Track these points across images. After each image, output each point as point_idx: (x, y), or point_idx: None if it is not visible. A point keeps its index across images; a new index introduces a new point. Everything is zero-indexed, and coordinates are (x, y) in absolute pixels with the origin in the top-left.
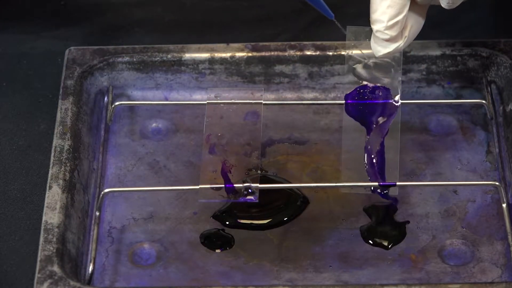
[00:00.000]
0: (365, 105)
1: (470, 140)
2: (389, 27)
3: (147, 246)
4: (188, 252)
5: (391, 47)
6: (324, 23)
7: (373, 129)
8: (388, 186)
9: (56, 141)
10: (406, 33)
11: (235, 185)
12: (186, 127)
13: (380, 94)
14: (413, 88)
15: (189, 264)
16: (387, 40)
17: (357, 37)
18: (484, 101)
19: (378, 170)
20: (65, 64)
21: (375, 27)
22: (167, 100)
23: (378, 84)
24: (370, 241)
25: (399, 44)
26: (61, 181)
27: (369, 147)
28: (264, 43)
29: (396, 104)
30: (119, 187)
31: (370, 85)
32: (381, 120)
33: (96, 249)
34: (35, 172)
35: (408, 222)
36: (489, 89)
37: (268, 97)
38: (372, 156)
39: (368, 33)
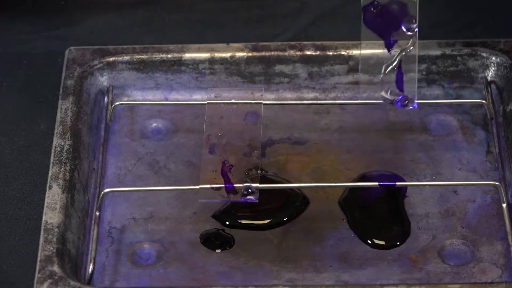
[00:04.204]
0: (382, 19)
1: (470, 140)
2: None
3: (147, 246)
4: (188, 252)
5: None
6: (324, 23)
7: (392, 42)
8: (389, 184)
9: (56, 141)
10: None
11: (235, 185)
12: (186, 127)
13: (398, 8)
14: None
15: (189, 264)
16: None
17: None
18: (484, 101)
19: (397, 82)
20: (65, 64)
21: None
22: (167, 100)
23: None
24: (369, 241)
25: None
26: (61, 181)
27: (388, 60)
28: (264, 43)
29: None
30: (119, 187)
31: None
32: (399, 33)
33: (96, 249)
34: (35, 172)
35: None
36: (489, 89)
37: (268, 97)
38: (391, 67)
39: None
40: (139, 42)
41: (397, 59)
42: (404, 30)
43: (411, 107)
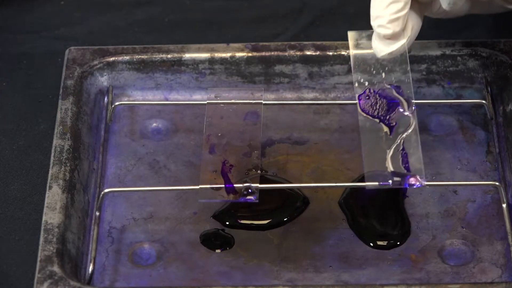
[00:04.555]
0: (378, 104)
1: (470, 140)
2: (391, 21)
3: (147, 246)
4: (188, 252)
5: (395, 45)
6: (324, 23)
7: (392, 126)
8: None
9: (56, 141)
10: (409, 33)
11: (235, 185)
12: (186, 127)
13: (392, 92)
14: (413, 88)
15: (189, 264)
16: (390, 38)
17: (359, 41)
18: (484, 101)
19: (403, 164)
20: (65, 64)
21: (376, 22)
22: (167, 100)
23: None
24: (370, 244)
25: (403, 42)
26: (61, 181)
27: (390, 143)
28: (264, 43)
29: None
30: (119, 187)
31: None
32: (397, 116)
33: (96, 249)
34: (35, 172)
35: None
36: (489, 89)
37: (268, 97)
38: (394, 151)
39: (370, 36)
40: (139, 42)
41: (399, 141)
42: (402, 111)
43: (420, 185)
